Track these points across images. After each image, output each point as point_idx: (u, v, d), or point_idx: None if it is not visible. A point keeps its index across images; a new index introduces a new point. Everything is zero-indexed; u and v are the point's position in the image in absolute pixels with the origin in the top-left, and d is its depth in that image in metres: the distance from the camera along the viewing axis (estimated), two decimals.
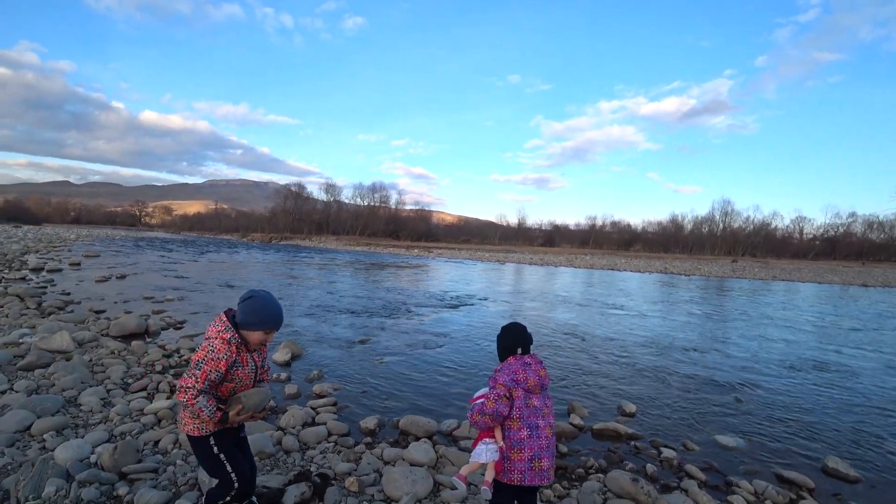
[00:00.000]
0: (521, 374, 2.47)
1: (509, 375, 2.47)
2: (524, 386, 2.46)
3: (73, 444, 3.38)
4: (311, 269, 24.49)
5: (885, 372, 7.96)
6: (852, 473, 4.06)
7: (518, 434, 2.40)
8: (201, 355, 2.23)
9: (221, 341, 2.26)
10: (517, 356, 2.56)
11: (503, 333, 2.67)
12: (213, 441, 2.34)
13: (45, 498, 2.80)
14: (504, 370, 2.52)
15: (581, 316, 12.47)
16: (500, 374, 2.52)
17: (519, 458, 2.39)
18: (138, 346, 6.50)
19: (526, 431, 2.40)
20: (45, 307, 9.11)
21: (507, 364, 2.55)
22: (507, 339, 2.63)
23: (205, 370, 2.19)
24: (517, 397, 2.45)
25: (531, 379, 2.45)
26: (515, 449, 2.40)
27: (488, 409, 2.41)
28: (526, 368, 2.49)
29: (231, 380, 2.33)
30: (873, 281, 37.72)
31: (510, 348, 2.60)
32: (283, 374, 5.91)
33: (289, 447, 3.78)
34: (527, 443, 2.39)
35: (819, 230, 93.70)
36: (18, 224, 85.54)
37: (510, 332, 2.66)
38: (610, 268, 41.61)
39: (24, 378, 4.94)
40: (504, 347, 2.63)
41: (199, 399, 2.19)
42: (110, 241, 44.87)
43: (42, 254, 22.91)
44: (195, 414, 2.22)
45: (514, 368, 2.50)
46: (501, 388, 2.45)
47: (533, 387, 2.46)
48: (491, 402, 2.42)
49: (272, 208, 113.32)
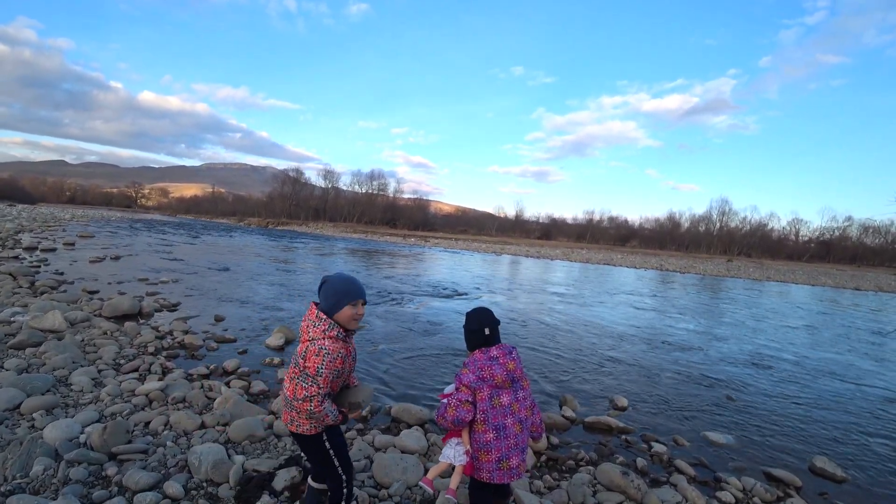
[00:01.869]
0: (487, 371, 2.34)
1: (474, 373, 2.35)
2: (490, 383, 2.33)
3: (62, 423, 3.36)
4: (308, 256, 24.43)
5: (874, 374, 8.03)
6: (839, 473, 4.10)
7: (484, 437, 2.32)
8: (318, 361, 2.14)
9: (331, 340, 2.20)
10: (483, 350, 2.42)
11: (468, 318, 2.51)
12: (325, 437, 2.35)
13: (33, 477, 2.79)
14: (469, 366, 2.39)
15: (575, 309, 12.50)
16: (464, 372, 2.39)
17: (486, 459, 2.32)
18: (131, 328, 6.46)
19: (492, 433, 2.31)
20: (38, 286, 9.04)
21: (472, 359, 2.41)
22: (472, 322, 2.47)
23: (325, 376, 2.15)
24: (481, 399, 2.34)
25: (498, 375, 2.33)
26: (483, 451, 2.33)
27: (449, 417, 2.31)
28: (492, 364, 2.35)
29: (340, 374, 2.29)
30: (866, 285, 37.98)
31: (477, 331, 2.44)
32: (276, 359, 5.90)
33: (280, 431, 3.77)
34: (493, 444, 2.31)
35: (815, 233, 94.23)
36: (13, 203, 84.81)
37: (475, 314, 2.51)
38: (606, 263, 41.71)
39: (15, 356, 4.91)
40: (471, 331, 2.47)
41: (325, 405, 2.18)
42: (105, 222, 44.59)
43: (36, 233, 22.73)
44: (320, 419, 2.21)
45: (480, 364, 2.36)
46: (464, 392, 2.33)
47: (501, 383, 2.34)
48: (451, 409, 2.30)
49: (269, 193, 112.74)
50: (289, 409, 2.28)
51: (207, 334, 6.83)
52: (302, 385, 2.17)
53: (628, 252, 67.90)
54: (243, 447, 3.49)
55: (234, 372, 5.29)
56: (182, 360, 5.66)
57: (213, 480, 2.95)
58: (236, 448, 3.46)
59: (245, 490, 2.83)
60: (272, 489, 2.87)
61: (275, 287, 12.23)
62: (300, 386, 2.17)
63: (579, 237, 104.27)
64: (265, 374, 5.41)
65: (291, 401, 2.21)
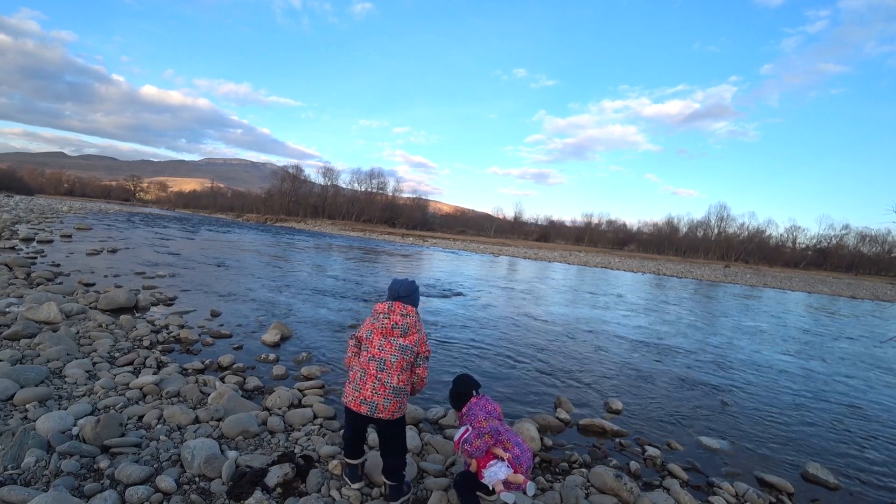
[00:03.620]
0: (491, 406, 2.80)
1: (481, 413, 2.74)
2: (495, 416, 2.76)
3: (55, 415, 3.35)
4: (305, 253, 24.39)
5: (869, 382, 8.05)
6: (832, 480, 4.11)
7: (513, 452, 2.65)
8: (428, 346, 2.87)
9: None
10: (477, 396, 2.89)
11: (456, 383, 2.98)
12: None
13: (25, 468, 2.78)
14: (473, 408, 2.79)
15: (572, 312, 12.51)
16: (472, 413, 2.77)
17: (519, 469, 2.63)
18: (127, 321, 6.44)
19: (517, 449, 2.67)
20: (34, 277, 9.01)
21: (470, 404, 2.83)
22: (462, 386, 2.95)
23: None
24: (494, 426, 2.69)
25: (496, 411, 2.79)
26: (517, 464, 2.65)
27: (476, 445, 2.62)
28: (488, 402, 2.82)
29: None
30: (863, 293, 38.12)
31: (465, 395, 2.90)
32: (271, 355, 5.88)
33: (274, 428, 3.77)
34: (522, 458, 2.65)
35: (812, 240, 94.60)
36: (11, 194, 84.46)
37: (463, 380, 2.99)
38: (603, 266, 41.76)
39: (9, 347, 4.89)
40: (459, 394, 2.92)
41: None
42: (103, 214, 44.43)
43: (33, 224, 22.65)
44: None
45: (481, 404, 2.80)
46: (479, 425, 2.66)
47: (499, 415, 2.80)
48: (477, 439, 2.62)
49: (268, 189, 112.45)
50: (397, 397, 2.70)
51: (203, 329, 6.82)
52: (424, 367, 2.83)
53: (626, 256, 67.96)
54: (237, 443, 3.48)
55: (228, 367, 5.27)
56: (177, 354, 5.64)
57: (206, 475, 2.95)
58: (230, 443, 3.45)
59: (238, 486, 2.82)
60: (265, 485, 2.86)
61: (271, 284, 12.21)
62: (423, 367, 2.83)
63: (577, 240, 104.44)
64: (260, 370, 5.39)
65: (402, 388, 2.72)
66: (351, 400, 2.73)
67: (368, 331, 2.80)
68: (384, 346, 2.72)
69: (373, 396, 2.65)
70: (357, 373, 2.76)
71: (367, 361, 2.72)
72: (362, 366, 2.75)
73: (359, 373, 2.75)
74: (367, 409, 2.66)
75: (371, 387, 2.65)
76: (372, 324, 2.80)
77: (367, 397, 2.68)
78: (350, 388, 2.77)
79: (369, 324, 2.82)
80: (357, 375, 2.75)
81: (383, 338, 2.74)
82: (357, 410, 2.69)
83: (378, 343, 2.73)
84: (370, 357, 2.72)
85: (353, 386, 2.74)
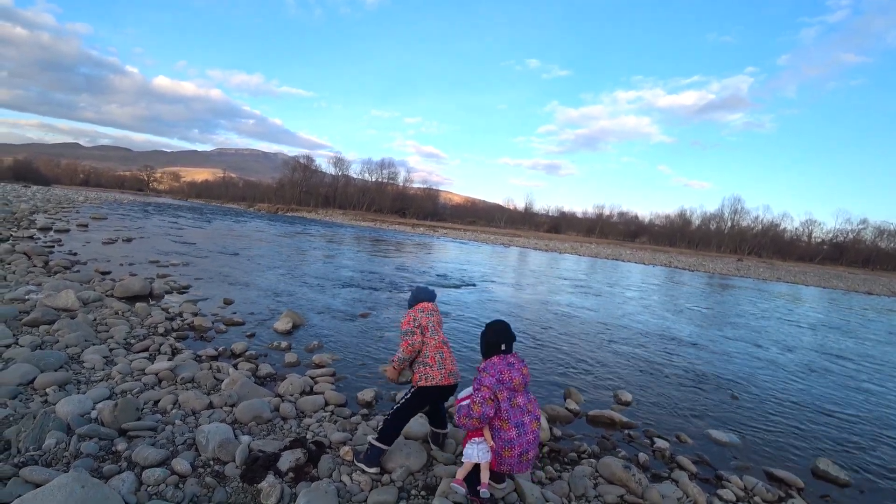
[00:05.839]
0: (507, 374, 2.58)
1: (494, 376, 2.57)
2: (509, 386, 2.56)
3: (74, 399, 3.43)
4: (317, 242, 24.55)
5: (882, 379, 7.94)
6: (842, 476, 4.07)
7: (507, 434, 2.55)
8: None
9: None
10: (501, 356, 2.67)
11: (488, 329, 2.80)
12: None
13: (46, 449, 2.86)
14: (489, 370, 2.61)
15: (582, 303, 12.47)
16: (484, 375, 2.61)
17: (509, 454, 2.56)
18: (142, 308, 6.56)
19: (514, 431, 2.55)
20: (52, 266, 9.19)
21: (490, 364, 2.64)
22: (491, 335, 2.76)
23: None
24: (502, 399, 2.54)
25: (516, 378, 2.57)
26: (506, 448, 2.55)
27: (475, 413, 2.52)
28: (510, 368, 2.60)
29: None
30: (879, 289, 37.42)
31: (494, 344, 2.71)
32: (283, 343, 5.96)
33: (286, 414, 3.83)
34: (516, 441, 2.54)
35: (828, 235, 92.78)
36: (28, 184, 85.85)
37: (495, 328, 2.78)
38: (614, 258, 41.47)
39: (29, 333, 5.00)
40: (488, 343, 2.75)
41: None
42: (118, 204, 45.04)
43: (50, 214, 23.03)
44: None
45: (500, 368, 2.60)
46: (486, 391, 2.54)
47: (517, 386, 2.58)
48: (477, 405, 2.52)
49: (280, 179, 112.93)
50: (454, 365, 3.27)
51: (216, 317, 6.92)
52: None
53: (637, 248, 67.42)
54: (249, 428, 3.55)
55: (241, 354, 5.36)
56: (191, 341, 5.74)
57: (220, 459, 3.01)
58: (243, 428, 3.52)
59: (250, 469, 2.88)
60: (277, 469, 2.92)
61: (283, 273, 12.32)
62: None
63: (588, 232, 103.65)
64: (272, 357, 5.47)
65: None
66: (440, 378, 3.13)
67: (430, 322, 3.29)
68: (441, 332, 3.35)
69: (454, 367, 3.24)
70: (435, 355, 3.18)
71: (441, 344, 3.24)
72: (437, 349, 3.21)
73: (436, 355, 3.18)
74: (453, 379, 3.21)
75: (451, 360, 3.24)
76: (428, 318, 3.31)
77: (452, 370, 3.21)
78: (434, 369, 3.15)
79: (424, 318, 3.29)
80: (436, 357, 3.18)
81: (440, 326, 3.39)
82: (447, 384, 3.16)
83: (440, 330, 3.35)
84: (443, 341, 3.26)
85: (438, 366, 3.15)
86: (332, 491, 2.72)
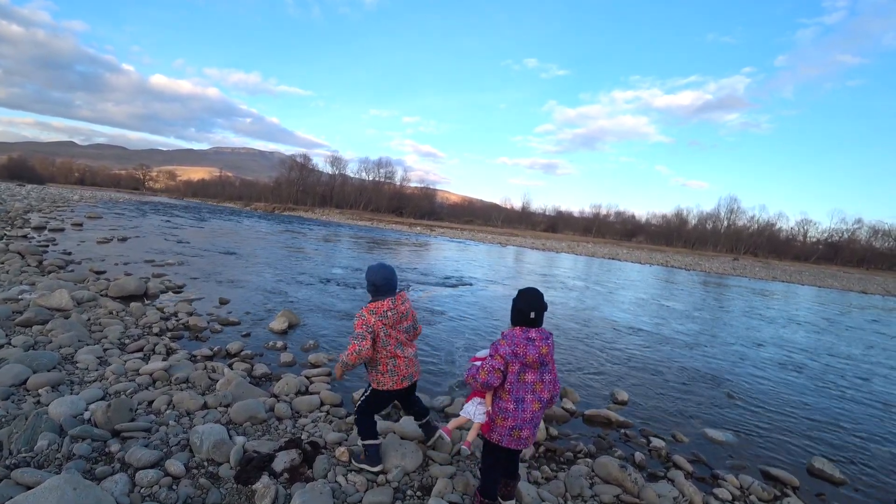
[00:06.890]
0: (522, 349, 2.51)
1: (510, 347, 2.51)
2: (522, 360, 2.51)
3: (67, 399, 3.40)
4: (313, 242, 24.48)
5: (877, 378, 7.98)
6: (837, 475, 4.09)
7: (505, 404, 2.56)
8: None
9: None
10: (523, 329, 2.56)
11: (519, 296, 2.64)
12: None
13: (38, 451, 2.83)
14: (507, 339, 2.55)
15: (578, 302, 12.48)
16: (502, 343, 2.56)
17: (502, 424, 2.57)
18: (136, 308, 6.52)
19: (512, 404, 2.54)
20: (46, 265, 9.13)
21: (511, 334, 2.56)
22: (521, 301, 2.60)
23: None
24: (511, 371, 2.52)
25: (530, 355, 2.50)
26: (500, 416, 2.57)
27: (480, 379, 2.53)
28: (528, 344, 2.51)
29: None
30: (874, 288, 37.62)
31: (524, 311, 2.57)
32: (279, 343, 5.94)
33: (281, 414, 3.82)
34: (511, 413, 2.54)
35: (823, 234, 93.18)
36: (22, 183, 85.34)
37: (526, 295, 2.62)
38: (611, 257, 41.55)
39: (22, 333, 4.97)
40: (518, 309, 2.60)
41: None
42: (113, 203, 44.82)
43: (45, 213, 22.90)
44: None
45: (517, 341, 2.52)
46: (497, 361, 2.52)
47: (531, 363, 2.52)
48: (483, 372, 2.52)
49: (276, 178, 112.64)
50: (411, 368, 3.17)
51: (212, 316, 6.88)
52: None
53: (634, 247, 67.53)
54: (244, 428, 3.53)
55: (237, 354, 5.33)
56: (186, 341, 5.71)
57: (214, 460, 2.99)
58: (237, 429, 3.50)
59: (245, 470, 2.86)
60: (272, 470, 2.90)
61: (279, 272, 12.28)
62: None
63: (585, 231, 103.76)
64: (268, 357, 5.45)
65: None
66: (392, 384, 3.11)
67: (383, 326, 3.09)
68: (401, 331, 3.20)
69: (409, 370, 3.19)
70: (388, 363, 3.10)
71: (395, 352, 3.11)
72: (391, 356, 3.10)
73: (389, 362, 3.10)
74: (408, 382, 3.17)
75: (406, 364, 3.16)
76: (382, 321, 3.08)
77: (406, 374, 3.16)
78: (386, 377, 3.11)
79: (377, 321, 3.07)
80: (389, 366, 3.10)
81: (402, 321, 3.21)
82: (402, 388, 3.15)
83: (400, 329, 3.18)
84: (398, 345, 3.13)
85: (390, 374, 3.10)
86: (327, 492, 2.71)
